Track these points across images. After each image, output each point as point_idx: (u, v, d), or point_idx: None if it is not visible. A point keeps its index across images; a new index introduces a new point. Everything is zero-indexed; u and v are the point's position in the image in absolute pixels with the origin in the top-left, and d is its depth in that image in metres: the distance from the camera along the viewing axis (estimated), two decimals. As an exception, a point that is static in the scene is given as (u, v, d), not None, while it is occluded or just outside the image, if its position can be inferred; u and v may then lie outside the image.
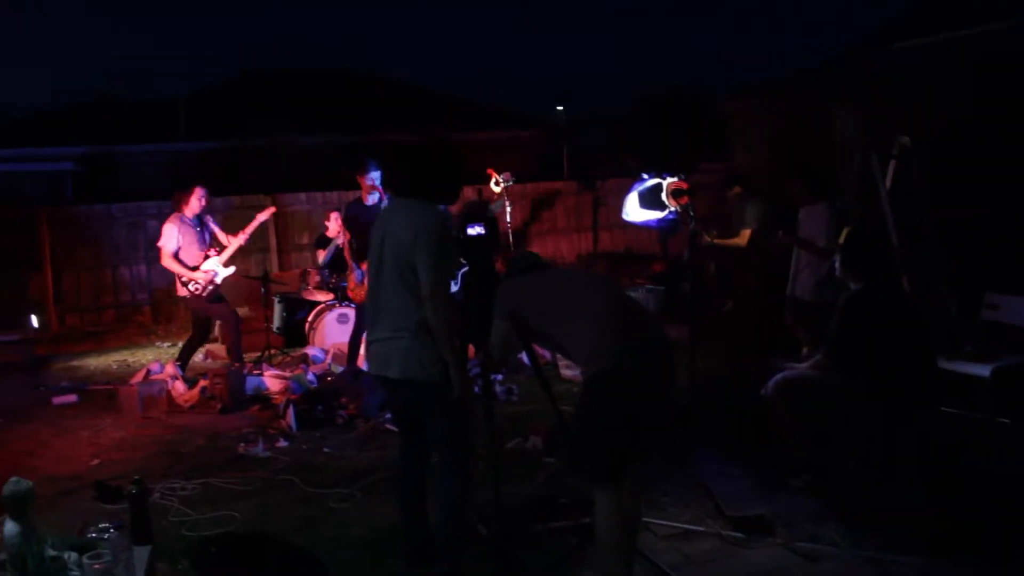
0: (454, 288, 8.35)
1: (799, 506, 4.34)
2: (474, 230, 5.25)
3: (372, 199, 7.28)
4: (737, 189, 7.64)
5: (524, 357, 4.10)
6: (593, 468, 3.44)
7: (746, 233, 7.32)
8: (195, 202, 7.54)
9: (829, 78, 8.97)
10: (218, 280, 7.60)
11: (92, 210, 12.18)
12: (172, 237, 7.42)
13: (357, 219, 7.28)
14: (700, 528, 4.18)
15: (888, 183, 6.23)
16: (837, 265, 4.72)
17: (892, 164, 6.25)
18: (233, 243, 7.80)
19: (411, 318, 3.47)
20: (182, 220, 7.52)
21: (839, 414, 4.57)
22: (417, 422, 3.69)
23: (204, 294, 7.51)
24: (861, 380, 4.40)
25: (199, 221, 7.65)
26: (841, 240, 4.87)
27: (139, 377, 7.67)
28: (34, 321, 9.43)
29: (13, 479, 2.77)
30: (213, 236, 7.80)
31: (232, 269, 7.74)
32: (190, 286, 7.46)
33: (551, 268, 4.27)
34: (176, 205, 7.62)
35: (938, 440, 4.69)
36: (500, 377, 6.74)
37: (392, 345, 3.54)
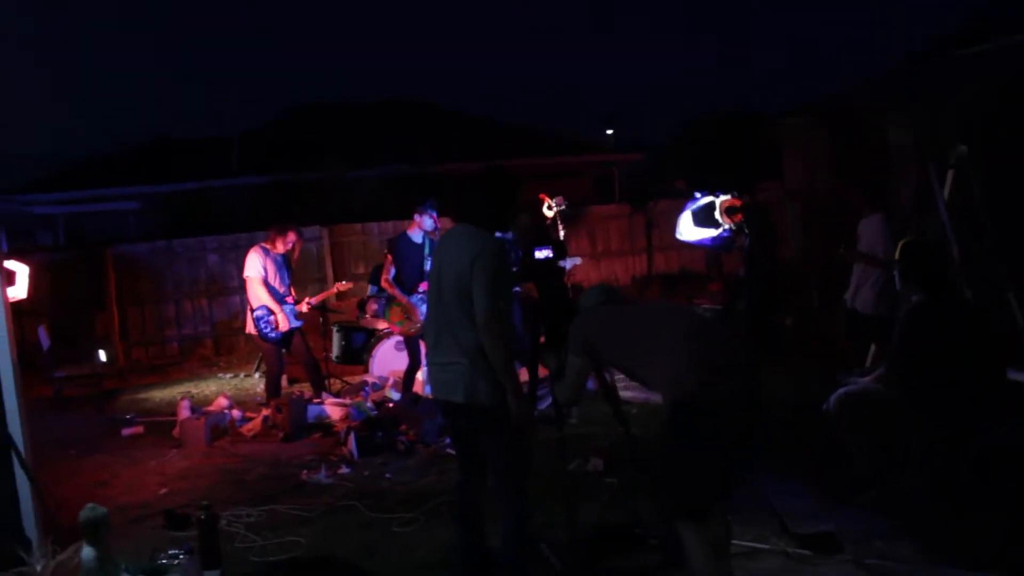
0: None
1: (867, 523, 4.26)
2: (541, 253, 5.02)
3: (417, 237, 7.34)
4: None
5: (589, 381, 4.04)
6: (681, 504, 3.28)
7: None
8: (281, 244, 7.54)
9: (884, 89, 8.85)
10: (284, 326, 7.41)
11: (154, 247, 12.46)
12: (255, 266, 7.37)
13: (398, 251, 7.38)
14: (765, 546, 4.12)
15: (947, 194, 6.13)
16: (897, 277, 4.65)
17: (950, 174, 6.14)
18: (303, 305, 7.76)
19: (471, 344, 3.48)
20: (266, 253, 7.48)
21: (904, 428, 4.47)
22: (476, 447, 3.70)
23: (271, 335, 7.37)
24: (925, 393, 4.28)
25: (285, 262, 7.64)
26: (896, 253, 4.80)
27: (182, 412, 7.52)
28: (102, 355, 9.68)
29: (89, 505, 2.86)
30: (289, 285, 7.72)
31: (300, 323, 7.67)
32: (261, 325, 7.33)
33: (630, 301, 4.21)
34: (267, 239, 7.60)
35: (1009, 455, 4.55)
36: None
37: (454, 370, 3.56)
